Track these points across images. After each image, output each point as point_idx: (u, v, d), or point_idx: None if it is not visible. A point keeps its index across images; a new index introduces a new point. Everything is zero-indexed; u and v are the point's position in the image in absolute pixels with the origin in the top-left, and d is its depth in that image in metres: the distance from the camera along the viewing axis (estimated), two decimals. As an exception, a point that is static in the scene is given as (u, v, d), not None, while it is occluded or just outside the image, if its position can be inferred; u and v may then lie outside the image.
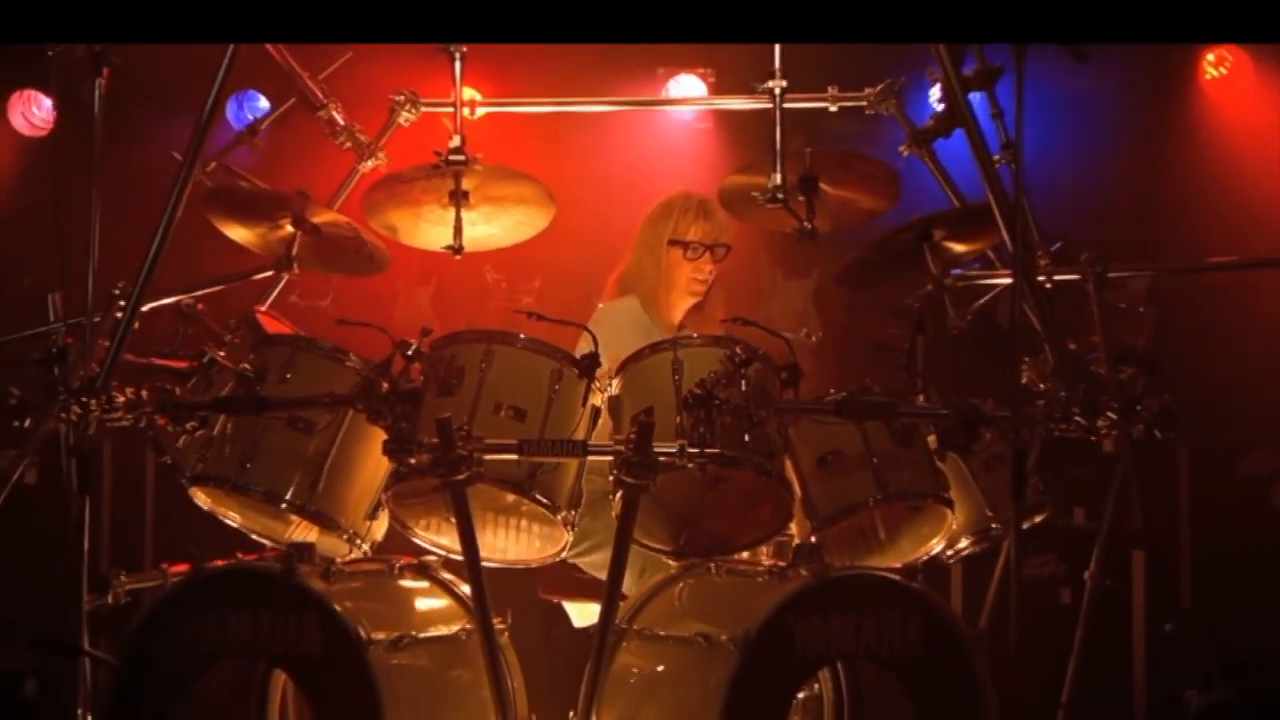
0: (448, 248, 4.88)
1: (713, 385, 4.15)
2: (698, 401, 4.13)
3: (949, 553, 4.69)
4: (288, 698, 4.56)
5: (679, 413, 4.18)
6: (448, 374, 4.28)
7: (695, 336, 4.60)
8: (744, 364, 4.23)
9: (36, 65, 4.73)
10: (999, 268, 5.13)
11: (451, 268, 5.78)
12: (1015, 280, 4.26)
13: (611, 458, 4.15)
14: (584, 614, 5.11)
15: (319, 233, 4.97)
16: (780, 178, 4.66)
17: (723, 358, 4.24)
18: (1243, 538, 6.25)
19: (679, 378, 4.27)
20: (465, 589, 4.41)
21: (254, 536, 4.65)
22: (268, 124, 5.87)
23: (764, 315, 5.23)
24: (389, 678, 4.05)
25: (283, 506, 4.42)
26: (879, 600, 4.13)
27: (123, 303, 4.62)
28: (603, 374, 4.37)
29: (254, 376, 4.42)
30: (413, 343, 4.31)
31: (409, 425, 4.20)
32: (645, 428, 4.06)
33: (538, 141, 6.50)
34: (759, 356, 4.31)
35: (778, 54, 4.78)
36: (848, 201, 4.82)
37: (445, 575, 4.55)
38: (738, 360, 4.23)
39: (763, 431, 4.24)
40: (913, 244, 4.82)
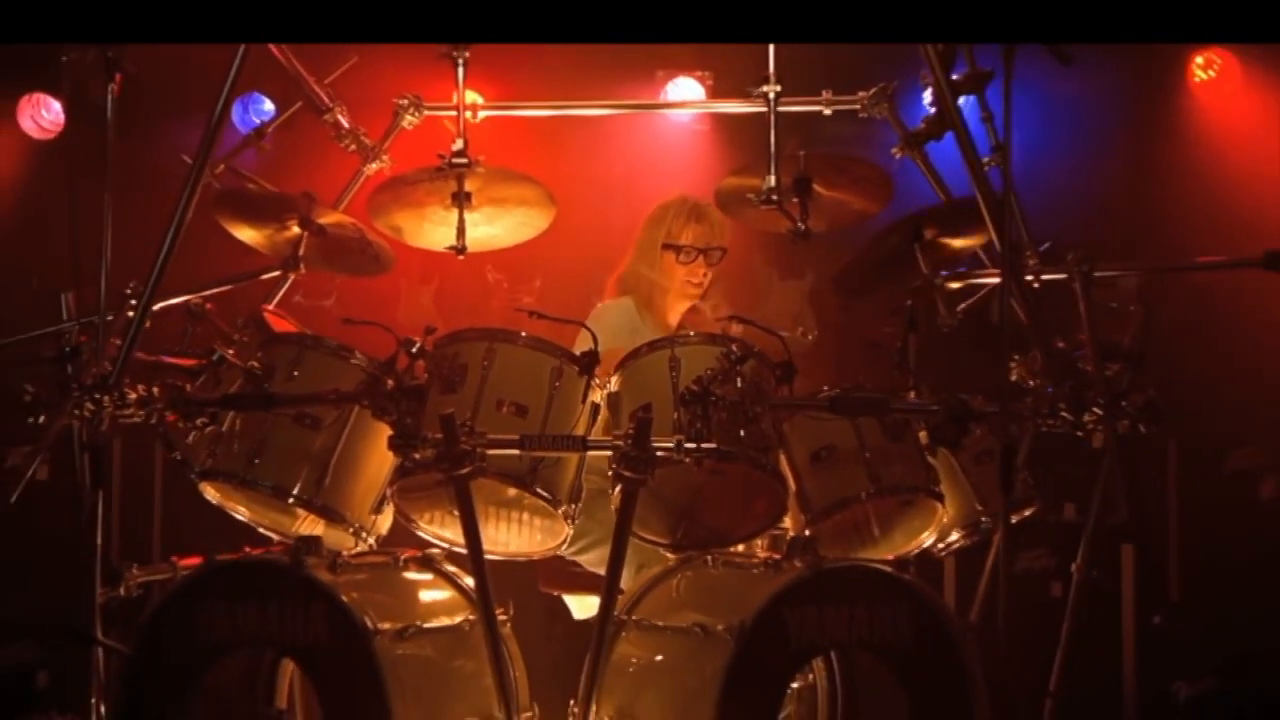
0: (451, 248, 4.89)
1: (709, 382, 4.18)
2: (694, 397, 4.17)
3: (940, 546, 4.72)
4: (295, 686, 4.59)
5: (676, 409, 4.22)
6: (451, 371, 4.33)
7: (692, 334, 4.65)
8: (739, 361, 4.27)
9: (46, 69, 4.70)
10: (989, 267, 5.14)
11: (453, 267, 5.79)
12: (1003, 279, 4.27)
13: (611, 453, 4.18)
14: (584, 606, 5.15)
15: (325, 234, 5.00)
16: (775, 179, 4.66)
17: (719, 355, 4.28)
18: (1230, 532, 6.29)
19: (676, 374, 4.31)
20: (468, 581, 4.44)
21: (262, 530, 4.68)
22: (274, 127, 5.88)
23: (760, 315, 5.16)
24: (394, 667, 4.07)
25: (290, 501, 4.45)
26: (872, 592, 4.14)
27: (134, 302, 4.62)
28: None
29: (262, 374, 4.45)
30: (417, 341, 4.35)
31: (413, 421, 4.22)
32: (643, 423, 4.10)
33: (539, 144, 6.50)
34: (754, 354, 4.35)
35: (772, 58, 4.77)
36: (841, 203, 4.83)
37: (449, 567, 4.57)
38: (733, 357, 4.27)
39: (758, 427, 4.28)
40: (905, 245, 4.82)
